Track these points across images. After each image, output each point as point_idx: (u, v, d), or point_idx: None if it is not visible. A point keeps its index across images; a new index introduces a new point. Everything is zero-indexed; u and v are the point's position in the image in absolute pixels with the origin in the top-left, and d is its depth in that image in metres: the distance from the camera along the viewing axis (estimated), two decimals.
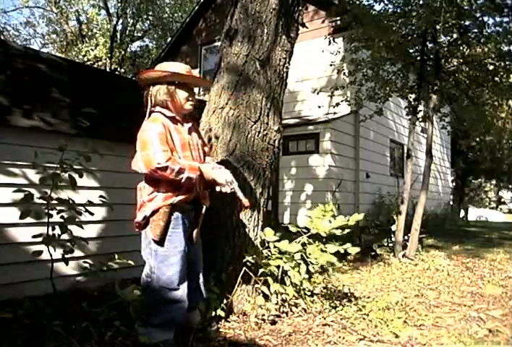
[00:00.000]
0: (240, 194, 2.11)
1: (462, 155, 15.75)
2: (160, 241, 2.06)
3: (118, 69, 17.84)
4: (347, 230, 2.81)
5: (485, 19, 5.93)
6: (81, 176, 2.61)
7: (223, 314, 2.53)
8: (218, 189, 2.17)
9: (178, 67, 2.19)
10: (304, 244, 2.79)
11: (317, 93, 6.99)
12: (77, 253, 2.82)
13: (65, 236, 2.54)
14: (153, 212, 2.06)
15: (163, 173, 1.97)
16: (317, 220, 2.79)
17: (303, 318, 2.71)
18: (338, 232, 2.74)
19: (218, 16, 10.28)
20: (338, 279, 4.10)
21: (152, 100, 2.16)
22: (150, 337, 2.08)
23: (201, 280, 2.34)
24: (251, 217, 2.87)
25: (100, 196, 2.81)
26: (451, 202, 15.02)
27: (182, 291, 2.12)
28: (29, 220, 2.43)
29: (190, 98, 2.20)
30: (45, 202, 2.49)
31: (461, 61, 6.51)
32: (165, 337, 2.11)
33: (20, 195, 2.45)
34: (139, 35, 19.74)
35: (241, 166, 2.83)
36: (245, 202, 2.11)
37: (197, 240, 2.27)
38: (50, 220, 2.50)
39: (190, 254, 2.20)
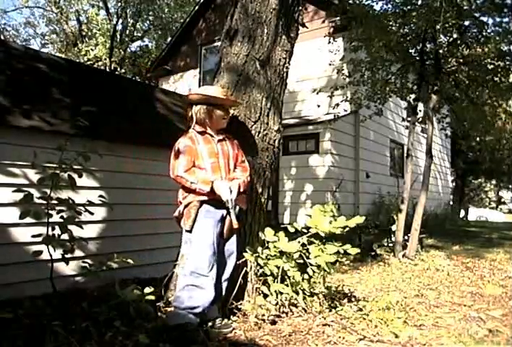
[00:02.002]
0: (233, 216, 2.32)
1: (462, 155, 15.74)
2: (191, 230, 2.36)
3: (118, 69, 17.84)
4: (347, 229, 2.80)
5: (485, 19, 5.94)
6: (80, 176, 2.61)
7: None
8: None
9: (217, 91, 2.53)
10: (304, 244, 2.79)
11: (317, 93, 6.99)
12: (77, 253, 2.82)
13: (65, 236, 2.54)
14: (185, 206, 2.39)
15: (181, 181, 2.35)
16: (318, 220, 2.78)
17: (303, 318, 2.70)
18: (339, 231, 2.74)
19: (218, 17, 10.28)
20: (338, 279, 4.10)
21: (193, 117, 2.50)
22: (175, 319, 2.28)
23: (226, 276, 2.48)
24: (251, 217, 2.87)
25: (100, 196, 2.81)
26: (451, 202, 15.03)
27: (210, 280, 2.32)
28: (29, 220, 2.43)
29: (225, 117, 2.55)
30: (45, 202, 2.49)
31: (461, 61, 6.51)
32: (187, 321, 2.27)
33: (20, 195, 2.45)
34: (139, 35, 19.75)
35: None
36: (234, 224, 2.33)
37: (228, 236, 2.45)
38: (50, 220, 2.50)
39: (223, 249, 2.45)
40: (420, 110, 6.49)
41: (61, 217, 2.54)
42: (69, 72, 3.97)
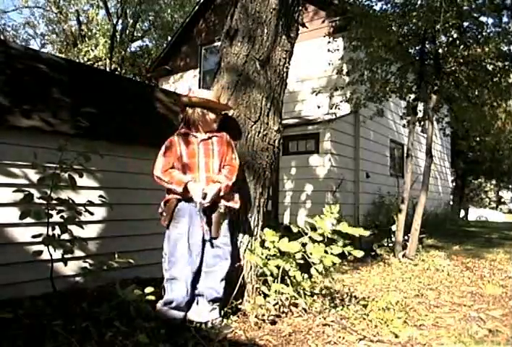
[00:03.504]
0: (201, 218, 2.40)
1: (462, 155, 15.74)
2: (168, 227, 2.48)
3: (118, 69, 17.83)
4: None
5: (484, 19, 5.95)
6: (81, 176, 2.61)
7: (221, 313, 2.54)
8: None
9: (212, 95, 2.67)
10: (305, 245, 2.79)
11: (316, 94, 6.99)
12: (77, 253, 2.82)
13: (65, 236, 2.54)
14: (165, 203, 2.52)
15: (158, 181, 2.48)
16: (320, 221, 2.78)
17: (303, 318, 2.71)
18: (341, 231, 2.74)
19: (218, 17, 10.27)
20: (338, 279, 4.10)
21: (184, 118, 2.61)
22: (162, 315, 2.43)
23: (221, 276, 2.48)
24: (251, 217, 2.87)
25: (100, 196, 2.81)
26: (451, 202, 15.02)
27: (184, 275, 2.42)
28: (29, 220, 2.43)
29: (216, 120, 2.62)
30: (45, 202, 2.49)
31: (461, 61, 6.51)
32: (172, 316, 2.43)
33: (20, 195, 2.45)
34: (139, 35, 19.74)
35: (241, 166, 2.83)
36: (202, 225, 2.40)
37: (217, 236, 2.45)
38: (50, 220, 2.50)
39: (207, 251, 2.47)
40: (420, 110, 6.49)
41: (61, 217, 2.54)
42: (69, 72, 3.97)
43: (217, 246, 2.47)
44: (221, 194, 2.44)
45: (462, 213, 17.05)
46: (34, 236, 2.48)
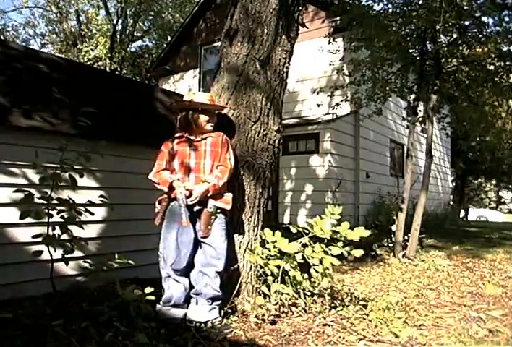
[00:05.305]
0: (183, 215, 2.39)
1: (462, 155, 15.73)
2: (161, 225, 2.57)
3: (118, 69, 17.83)
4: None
5: (485, 19, 5.94)
6: (81, 176, 2.61)
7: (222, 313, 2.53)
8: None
9: (202, 97, 2.65)
10: (305, 245, 2.79)
11: (317, 93, 6.99)
12: (77, 253, 2.82)
13: (65, 236, 2.54)
14: (159, 203, 2.60)
15: (151, 183, 2.59)
16: (321, 222, 2.78)
17: (303, 318, 2.71)
18: (342, 238, 2.73)
19: (218, 17, 10.28)
20: (338, 279, 4.10)
21: (179, 122, 2.66)
22: (162, 314, 2.48)
23: (208, 278, 2.48)
24: (251, 217, 2.87)
25: (101, 196, 2.81)
26: (451, 202, 15.01)
27: (177, 272, 2.51)
28: (29, 220, 2.42)
29: (210, 121, 2.62)
30: (45, 202, 2.49)
31: (461, 61, 6.51)
32: (172, 316, 2.48)
33: (20, 195, 2.45)
34: (139, 35, 19.74)
35: (241, 166, 2.84)
36: (183, 222, 2.40)
37: (206, 235, 2.48)
38: (50, 220, 2.50)
39: (201, 250, 2.53)
40: (420, 110, 6.49)
41: (62, 217, 2.54)
42: (69, 72, 3.96)
43: (210, 246, 2.49)
44: (209, 194, 2.45)
45: (462, 213, 17.03)
46: (34, 236, 2.48)
